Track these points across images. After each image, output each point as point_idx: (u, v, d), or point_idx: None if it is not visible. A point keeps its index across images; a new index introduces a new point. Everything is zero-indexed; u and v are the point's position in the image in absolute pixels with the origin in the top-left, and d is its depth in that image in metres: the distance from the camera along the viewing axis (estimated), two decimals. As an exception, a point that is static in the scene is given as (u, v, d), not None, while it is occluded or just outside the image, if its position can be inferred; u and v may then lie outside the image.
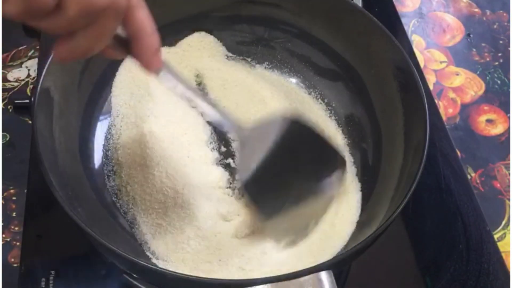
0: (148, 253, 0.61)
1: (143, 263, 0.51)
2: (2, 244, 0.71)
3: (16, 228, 0.73)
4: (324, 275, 0.48)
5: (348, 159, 0.69)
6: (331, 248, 0.60)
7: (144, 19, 0.46)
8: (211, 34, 0.77)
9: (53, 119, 0.62)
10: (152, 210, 0.63)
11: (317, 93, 0.75)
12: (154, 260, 0.60)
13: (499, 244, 0.71)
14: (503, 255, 0.69)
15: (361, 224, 0.62)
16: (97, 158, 0.67)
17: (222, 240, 0.61)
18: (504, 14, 0.98)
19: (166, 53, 0.74)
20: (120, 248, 0.52)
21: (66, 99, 0.65)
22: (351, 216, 0.63)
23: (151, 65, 0.48)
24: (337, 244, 0.61)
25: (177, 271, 0.57)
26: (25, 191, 0.71)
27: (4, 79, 0.86)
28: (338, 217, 0.63)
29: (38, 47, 0.86)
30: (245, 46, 0.78)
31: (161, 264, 0.60)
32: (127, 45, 0.47)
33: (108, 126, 0.69)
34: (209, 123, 0.70)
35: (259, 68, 0.77)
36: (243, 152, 0.58)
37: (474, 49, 0.93)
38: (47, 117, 0.60)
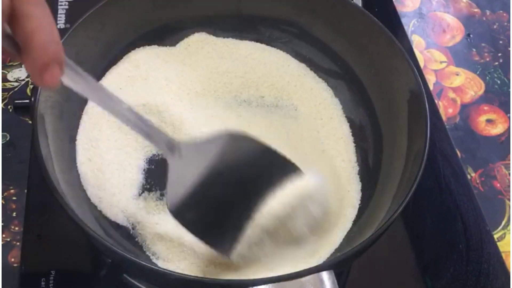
0: (148, 253, 0.61)
1: (143, 263, 0.51)
2: (2, 244, 0.71)
3: (16, 228, 0.73)
4: (325, 275, 0.48)
5: (350, 158, 0.69)
6: (331, 247, 0.60)
7: (32, 30, 0.39)
8: (211, 35, 0.77)
9: (53, 120, 0.62)
10: (152, 209, 0.63)
11: (317, 93, 0.75)
12: (154, 260, 0.60)
13: (499, 244, 0.72)
14: (503, 255, 0.69)
15: (362, 224, 0.62)
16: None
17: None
18: (504, 14, 0.98)
19: (167, 53, 0.75)
20: (120, 248, 0.52)
21: (66, 99, 0.65)
22: (352, 216, 0.63)
23: (37, 80, 0.41)
24: (338, 243, 0.61)
25: (177, 271, 0.57)
26: (25, 191, 0.71)
27: (4, 79, 0.86)
28: (339, 217, 0.63)
29: (38, 47, 0.85)
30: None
31: (161, 264, 0.60)
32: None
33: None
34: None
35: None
36: (174, 174, 0.53)
37: (474, 49, 0.93)
38: (47, 117, 0.60)
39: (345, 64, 0.73)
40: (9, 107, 0.82)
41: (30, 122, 0.61)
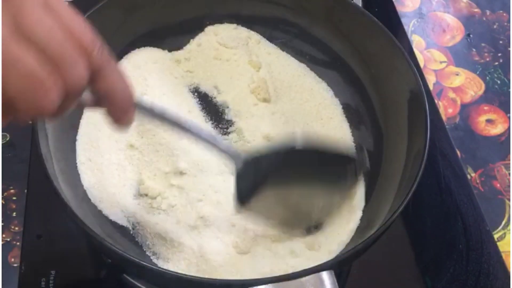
0: (148, 253, 0.61)
1: (143, 263, 0.51)
2: (2, 244, 0.71)
3: (16, 228, 0.73)
4: (325, 275, 0.48)
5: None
6: (332, 248, 0.60)
7: (114, 80, 0.43)
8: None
9: (53, 119, 0.62)
10: (152, 209, 0.63)
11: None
12: (154, 260, 0.60)
13: (499, 244, 0.71)
14: (503, 255, 0.68)
15: (362, 224, 0.62)
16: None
17: (222, 240, 0.61)
18: (504, 14, 0.97)
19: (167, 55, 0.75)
20: (120, 248, 0.52)
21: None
22: (353, 215, 0.63)
23: (121, 122, 0.46)
24: (339, 244, 0.61)
25: (177, 271, 0.57)
26: (25, 191, 0.71)
27: (4, 79, 0.86)
28: (341, 216, 0.63)
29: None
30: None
31: (161, 264, 0.60)
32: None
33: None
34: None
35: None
36: (240, 181, 0.57)
37: (474, 49, 0.93)
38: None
39: (345, 64, 0.73)
40: (9, 107, 0.82)
41: (30, 122, 0.61)
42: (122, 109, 0.45)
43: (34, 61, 0.36)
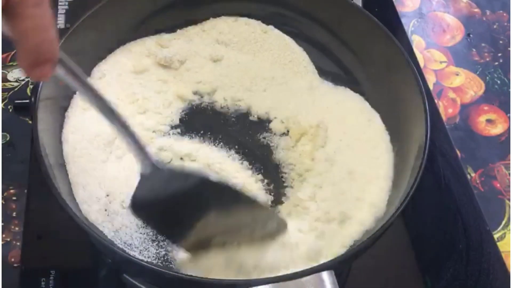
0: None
1: (143, 263, 0.51)
2: (2, 244, 0.71)
3: (16, 228, 0.73)
4: (325, 275, 0.48)
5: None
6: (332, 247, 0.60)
7: (26, 30, 0.39)
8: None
9: (53, 119, 0.62)
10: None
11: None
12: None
13: (499, 244, 0.71)
14: (503, 255, 0.69)
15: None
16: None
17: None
18: (504, 14, 0.98)
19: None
20: (120, 248, 0.52)
21: (66, 98, 0.65)
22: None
23: (28, 74, 0.42)
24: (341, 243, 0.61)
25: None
26: (25, 191, 0.71)
27: (4, 79, 0.86)
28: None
29: (38, 47, 0.85)
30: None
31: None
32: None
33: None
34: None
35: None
36: (142, 185, 0.54)
37: (474, 49, 0.93)
38: (47, 116, 0.60)
39: (344, 65, 0.73)
40: (9, 107, 0.82)
41: (30, 122, 0.61)
42: (32, 59, 0.40)
43: None
